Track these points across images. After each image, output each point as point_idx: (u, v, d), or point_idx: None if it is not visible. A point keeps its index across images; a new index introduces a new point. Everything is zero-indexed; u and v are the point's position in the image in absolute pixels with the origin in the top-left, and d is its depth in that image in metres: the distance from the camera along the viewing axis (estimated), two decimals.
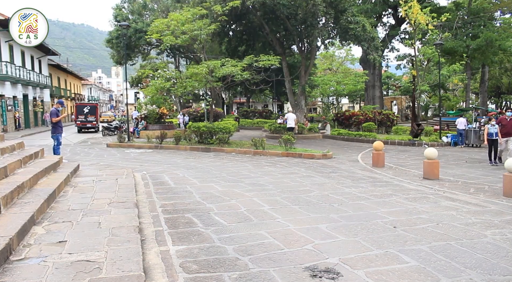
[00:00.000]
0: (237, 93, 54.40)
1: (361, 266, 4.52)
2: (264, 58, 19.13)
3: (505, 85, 52.44)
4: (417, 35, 26.31)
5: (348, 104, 61.20)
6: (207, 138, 18.46)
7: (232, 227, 5.96)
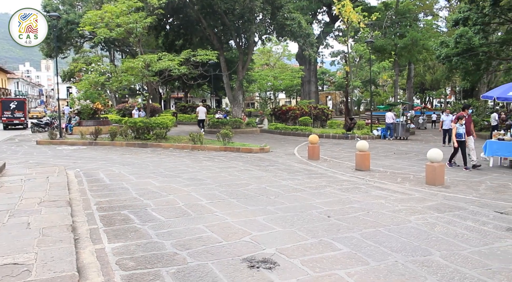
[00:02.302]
0: (174, 88, 53.57)
1: (297, 255, 4.70)
2: (202, 53, 19.00)
3: (428, 82, 56.16)
4: (350, 33, 27.41)
5: (285, 99, 62.37)
6: (144, 133, 18.05)
7: (170, 222, 5.93)
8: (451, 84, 57.29)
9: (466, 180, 9.95)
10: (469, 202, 7.54)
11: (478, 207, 7.15)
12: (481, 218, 6.44)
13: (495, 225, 6.03)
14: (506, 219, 6.38)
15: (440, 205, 7.29)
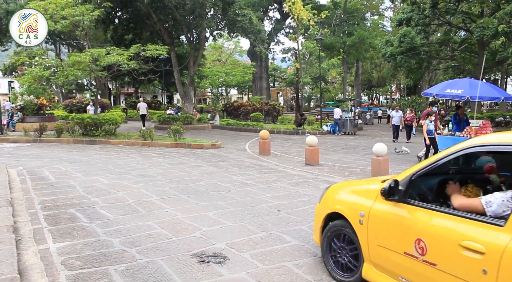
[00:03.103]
0: (124, 84, 52.15)
1: (247, 248, 4.77)
2: (152, 48, 18.61)
3: (375, 79, 58.24)
4: (300, 30, 27.89)
5: (237, 95, 62.44)
6: (92, 130, 17.47)
7: (118, 219, 5.81)
8: (396, 81, 59.73)
9: None
10: None
11: None
12: None
13: None
14: None
15: None
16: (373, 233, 3.54)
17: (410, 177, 3.34)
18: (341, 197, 4.16)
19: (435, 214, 3.04)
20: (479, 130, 12.06)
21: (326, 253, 4.12)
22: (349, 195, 4.05)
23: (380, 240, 3.47)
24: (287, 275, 4.07)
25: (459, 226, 2.82)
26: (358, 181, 4.78)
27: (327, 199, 4.34)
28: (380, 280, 3.47)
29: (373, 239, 3.53)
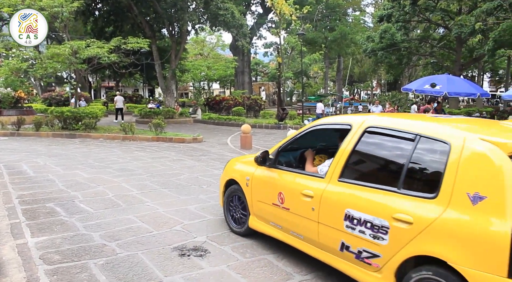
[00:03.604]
0: (105, 77, 51.35)
1: (228, 242, 4.80)
2: (133, 41, 18.38)
3: (356, 74, 58.74)
4: (282, 25, 27.90)
5: (219, 89, 62.18)
6: (72, 123, 17.20)
7: (98, 213, 5.78)
8: (377, 77, 60.43)
9: None
10: None
11: None
12: None
13: None
14: None
15: None
16: (254, 192, 4.71)
17: (277, 150, 4.55)
18: (235, 167, 5.24)
19: (291, 174, 4.27)
20: None
21: (226, 211, 5.31)
22: (241, 165, 5.15)
23: (259, 197, 4.64)
24: (268, 267, 4.12)
25: (302, 181, 4.06)
26: (249, 155, 5.68)
27: (227, 169, 5.42)
28: (259, 227, 4.68)
29: (255, 196, 4.70)
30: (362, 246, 3.29)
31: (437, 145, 3.04)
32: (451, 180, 2.82)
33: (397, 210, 3.05)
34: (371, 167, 3.78)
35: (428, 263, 2.83)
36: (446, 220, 2.77)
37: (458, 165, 2.83)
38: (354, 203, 3.41)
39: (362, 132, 3.64)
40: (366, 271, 3.30)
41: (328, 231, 3.63)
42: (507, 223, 2.48)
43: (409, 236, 2.93)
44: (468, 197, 2.71)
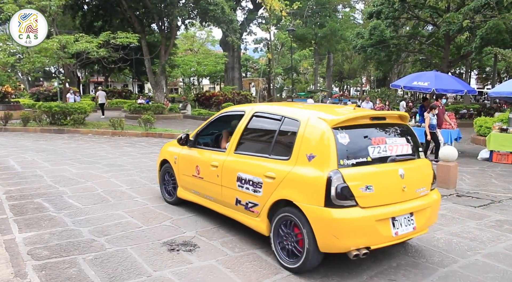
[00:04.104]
0: (94, 72, 50.84)
1: (217, 236, 4.84)
2: (122, 35, 18.25)
3: (346, 71, 58.97)
4: (272, 21, 27.90)
5: (209, 85, 61.99)
6: (60, 119, 17.06)
7: (87, 209, 5.77)
8: (367, 73, 60.71)
9: None
10: None
11: None
12: None
13: None
14: None
15: None
16: (180, 168, 5.82)
17: (196, 133, 5.69)
18: (167, 149, 6.31)
19: (205, 151, 5.40)
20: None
21: (161, 186, 6.41)
22: (171, 148, 6.23)
23: (183, 171, 5.74)
24: (257, 261, 4.16)
25: (212, 155, 5.18)
26: None
27: (161, 152, 6.50)
28: (184, 195, 5.77)
29: (180, 171, 5.81)
30: (248, 199, 4.47)
31: (293, 123, 4.20)
32: (298, 146, 3.99)
33: (267, 169, 4.21)
34: (254, 141, 4.85)
35: (285, 205, 4.01)
36: (293, 174, 3.94)
37: (303, 135, 4.00)
38: (242, 168, 4.56)
39: (251, 116, 4.82)
40: (251, 217, 4.49)
41: (228, 191, 4.76)
42: (325, 172, 3.66)
43: (274, 187, 4.10)
44: (306, 157, 3.89)
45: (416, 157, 4.32)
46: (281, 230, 4.09)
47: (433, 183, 4.41)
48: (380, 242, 3.83)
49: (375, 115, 4.28)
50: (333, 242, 3.67)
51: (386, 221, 3.81)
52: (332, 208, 3.61)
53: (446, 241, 4.89)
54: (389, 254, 4.43)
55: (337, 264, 4.08)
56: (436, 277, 3.90)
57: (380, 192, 3.80)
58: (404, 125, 4.43)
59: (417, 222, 4.05)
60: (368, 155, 3.88)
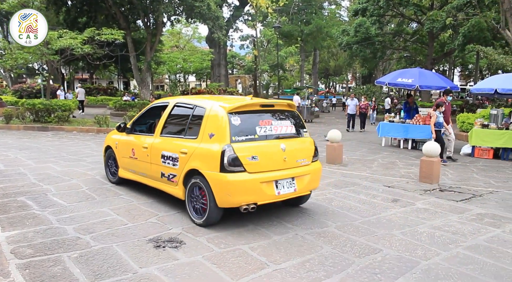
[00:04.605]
0: (78, 69, 50.17)
1: (203, 233, 4.84)
2: (107, 32, 18.06)
3: (332, 68, 59.23)
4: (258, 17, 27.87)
5: (195, 81, 61.74)
6: (44, 116, 16.83)
7: (72, 207, 5.72)
8: (352, 70, 61.07)
9: (361, 159, 10.85)
10: (363, 178, 8.28)
11: (370, 182, 7.90)
12: (372, 192, 7.14)
13: (383, 198, 6.73)
14: (392, 192, 7.15)
15: (338, 181, 7.91)
16: (120, 151, 6.82)
17: (133, 122, 6.74)
18: (111, 136, 7.31)
19: (139, 136, 6.41)
20: (427, 118, 12.64)
21: (106, 168, 7.43)
22: (113, 135, 7.18)
23: (122, 154, 6.75)
24: (242, 257, 4.19)
25: (144, 139, 6.19)
26: None
27: (106, 139, 7.50)
28: (124, 174, 6.76)
29: (120, 154, 6.81)
30: (169, 172, 5.54)
31: (201, 110, 5.33)
32: (203, 127, 5.13)
33: (182, 147, 5.32)
34: (174, 125, 5.89)
35: (194, 174, 5.10)
36: (199, 149, 5.07)
37: (207, 119, 5.12)
38: (165, 148, 5.64)
39: (172, 106, 5.95)
40: (172, 186, 5.55)
41: (155, 167, 5.83)
42: (221, 146, 4.78)
43: (186, 160, 5.19)
44: (208, 135, 5.01)
45: (299, 136, 5.55)
46: (192, 194, 5.20)
47: (315, 156, 5.65)
48: (265, 200, 4.98)
49: (265, 103, 5.46)
50: (227, 199, 4.81)
51: (270, 183, 4.98)
52: (226, 173, 4.73)
53: (429, 235, 4.98)
54: (373, 249, 4.51)
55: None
56: (419, 270, 3.97)
57: (264, 161, 4.95)
58: (291, 111, 5.66)
59: (298, 185, 5.25)
60: (255, 133, 5.03)
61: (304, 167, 5.39)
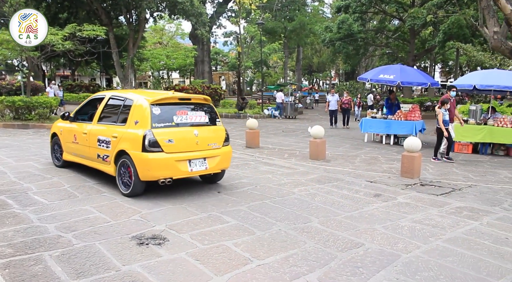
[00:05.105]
0: (60, 65, 49.34)
1: (187, 229, 4.84)
2: (89, 28, 17.80)
3: (315, 64, 59.49)
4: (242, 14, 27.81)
5: (179, 78, 61.31)
6: (24, 113, 16.52)
7: (54, 205, 5.65)
8: (335, 67, 61.44)
9: (344, 155, 10.96)
10: (346, 174, 8.37)
11: (353, 178, 7.99)
12: (355, 187, 7.22)
13: (365, 193, 6.82)
14: (375, 187, 7.25)
15: (321, 177, 7.98)
16: (64, 137, 7.76)
17: (75, 111, 7.72)
18: (57, 125, 8.21)
19: (80, 124, 7.36)
20: (409, 114, 12.82)
21: (52, 154, 8.30)
22: (59, 123, 8.14)
23: (66, 139, 7.68)
24: (226, 253, 4.20)
25: (85, 126, 7.14)
26: None
27: (52, 127, 8.42)
28: (68, 157, 7.70)
29: (64, 139, 7.75)
30: (104, 153, 6.54)
31: (130, 102, 6.41)
32: (131, 116, 6.21)
33: (113, 132, 6.38)
34: (109, 114, 6.87)
35: (123, 154, 6.15)
36: (127, 133, 6.14)
37: (134, 109, 6.21)
38: (100, 133, 6.64)
39: (108, 98, 7.00)
40: (106, 165, 6.56)
41: (92, 150, 6.81)
42: (143, 131, 5.87)
43: (116, 143, 6.24)
44: (134, 122, 6.08)
45: (212, 124, 6.66)
46: (121, 170, 6.25)
47: (226, 141, 6.75)
48: (180, 175, 6.10)
49: (183, 97, 6.53)
50: (147, 174, 5.90)
51: (184, 162, 6.09)
52: (147, 152, 5.83)
53: (410, 228, 5.07)
54: (356, 243, 4.57)
55: None
56: (400, 263, 4.05)
57: (179, 143, 6.06)
58: (206, 104, 6.74)
59: (209, 164, 6.39)
60: (173, 121, 6.15)
61: (215, 150, 6.50)
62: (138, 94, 6.46)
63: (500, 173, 8.98)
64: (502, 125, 11.20)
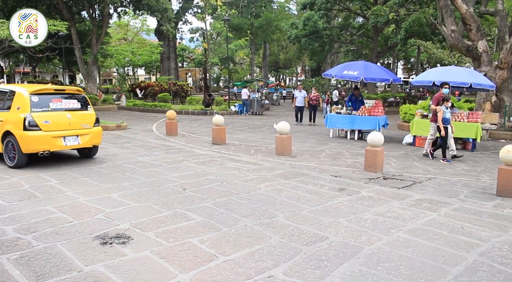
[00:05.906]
0: (19, 62, 47.55)
1: (152, 227, 4.79)
2: (49, 23, 17.22)
3: (282, 61, 59.85)
4: (208, 10, 27.63)
5: (145, 75, 60.30)
6: None
7: (12, 206, 5.46)
8: (302, 63, 62.03)
9: (310, 150, 11.10)
10: (311, 169, 8.49)
11: (318, 173, 8.11)
12: (320, 181, 7.34)
13: (330, 187, 6.94)
14: (339, 181, 7.39)
15: (287, 172, 8.06)
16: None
17: None
18: None
19: None
20: (372, 109, 13.11)
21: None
22: None
23: None
24: (192, 250, 4.18)
25: None
26: None
27: None
28: None
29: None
30: None
31: (13, 92, 7.99)
32: (14, 103, 7.82)
33: (1, 117, 7.93)
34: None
35: (8, 134, 7.71)
36: (11, 116, 7.74)
37: (17, 98, 7.82)
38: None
39: None
40: None
41: None
42: (24, 115, 7.56)
43: (3, 125, 7.82)
44: (16, 108, 7.81)
45: (84, 110, 8.48)
46: (7, 147, 7.79)
47: (96, 123, 8.56)
48: (56, 148, 7.94)
49: (58, 88, 8.55)
50: (28, 147, 7.54)
51: (59, 138, 7.87)
52: (27, 131, 7.49)
53: (373, 221, 5.20)
54: (320, 236, 4.65)
55: None
56: (363, 255, 4.15)
57: (54, 124, 7.84)
58: (79, 94, 8.65)
59: (81, 140, 8.20)
60: (49, 106, 7.91)
61: (86, 129, 8.30)
62: (20, 87, 8.56)
63: (458, 166, 9.34)
64: (459, 120, 11.62)
